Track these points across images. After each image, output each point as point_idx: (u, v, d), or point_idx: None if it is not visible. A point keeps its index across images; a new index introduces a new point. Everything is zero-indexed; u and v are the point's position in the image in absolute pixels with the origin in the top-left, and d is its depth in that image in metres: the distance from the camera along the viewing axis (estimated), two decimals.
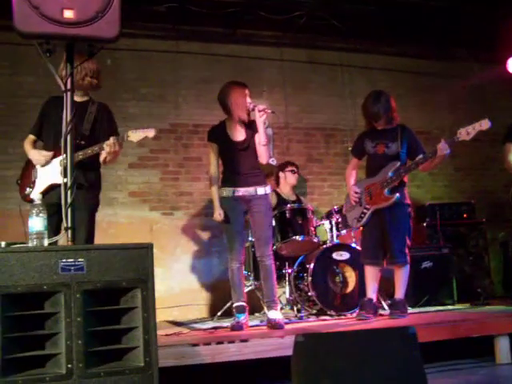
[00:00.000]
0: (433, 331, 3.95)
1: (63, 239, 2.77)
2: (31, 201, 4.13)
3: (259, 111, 4.53)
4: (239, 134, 4.68)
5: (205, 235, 6.65)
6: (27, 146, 4.28)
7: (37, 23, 2.58)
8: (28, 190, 4.21)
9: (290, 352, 2.65)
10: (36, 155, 4.20)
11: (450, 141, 4.65)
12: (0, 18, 5.43)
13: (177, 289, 6.44)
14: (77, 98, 4.25)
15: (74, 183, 3.97)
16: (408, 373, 2.60)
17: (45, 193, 4.07)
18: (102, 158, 4.15)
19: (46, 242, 2.54)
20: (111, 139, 4.02)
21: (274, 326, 4.42)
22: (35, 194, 4.08)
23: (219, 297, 6.31)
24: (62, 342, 2.39)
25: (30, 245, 2.52)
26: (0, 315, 2.28)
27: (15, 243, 2.51)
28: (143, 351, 2.49)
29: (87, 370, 2.40)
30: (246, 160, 4.61)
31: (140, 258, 2.55)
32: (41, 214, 2.56)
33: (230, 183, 4.66)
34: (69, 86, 2.90)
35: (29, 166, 4.28)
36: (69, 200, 2.75)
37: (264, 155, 4.62)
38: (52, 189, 4.08)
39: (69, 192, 2.77)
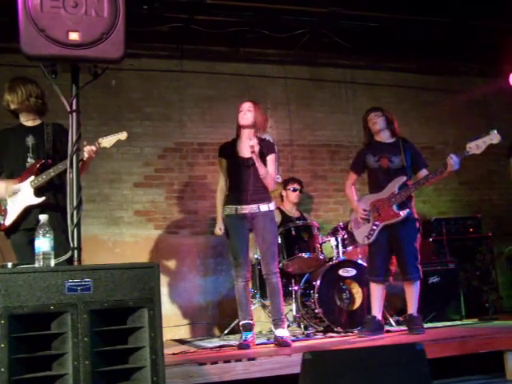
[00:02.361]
0: (441, 347, 3.92)
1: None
2: (5, 229, 4.14)
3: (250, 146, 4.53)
4: (246, 151, 4.67)
5: (211, 254, 6.64)
6: None
7: (43, 45, 2.62)
8: (1, 218, 4.14)
9: (297, 370, 2.63)
10: (1, 189, 4.13)
11: (460, 155, 4.61)
12: (6, 41, 5.53)
13: (183, 307, 6.43)
14: (29, 123, 4.27)
15: (50, 204, 4.02)
16: None
17: (21, 218, 4.07)
18: None
19: (52, 263, 2.55)
20: (87, 147, 4.00)
21: (281, 343, 4.40)
22: (9, 221, 4.09)
23: (226, 315, 6.30)
24: (69, 363, 2.38)
25: (36, 265, 2.52)
26: (7, 336, 2.29)
27: (22, 264, 2.52)
28: (150, 371, 2.48)
29: None
30: (251, 177, 4.60)
31: (146, 278, 2.55)
32: (47, 235, 2.57)
33: (233, 201, 4.66)
34: (74, 107, 2.90)
35: None
36: (75, 220, 2.76)
37: (267, 185, 4.64)
38: (28, 212, 4.06)
39: (75, 212, 2.78)
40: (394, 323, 5.53)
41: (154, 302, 2.55)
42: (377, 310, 4.90)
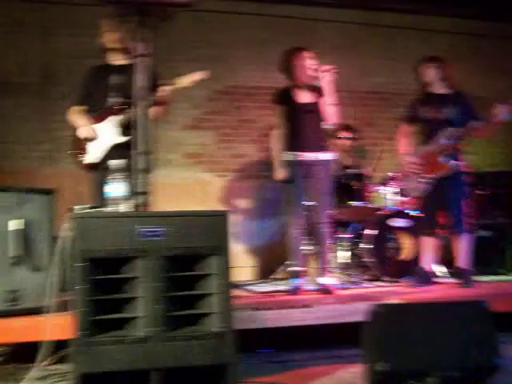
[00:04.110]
0: (503, 301, 3.91)
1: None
2: (88, 167, 4.17)
3: (323, 72, 4.51)
4: (304, 97, 4.64)
5: (258, 198, 6.65)
6: (75, 117, 4.26)
7: None
8: (82, 156, 4.18)
9: (351, 319, 2.66)
10: (85, 131, 4.17)
11: (506, 105, 4.50)
12: None
13: (231, 251, 6.47)
14: (117, 63, 4.25)
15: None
16: (481, 345, 2.59)
17: (101, 157, 4.10)
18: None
19: (123, 208, 2.58)
20: (163, 87, 4.01)
21: (326, 291, 4.42)
22: (90, 160, 4.12)
23: (272, 259, 6.34)
24: (140, 307, 2.45)
25: (108, 210, 2.56)
26: (84, 278, 2.34)
27: (95, 207, 2.56)
28: (219, 317, 2.54)
29: (164, 334, 2.46)
30: (310, 124, 4.56)
31: (216, 225, 2.59)
32: (117, 181, 2.59)
33: (292, 147, 4.60)
34: (142, 51, 2.89)
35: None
36: (143, 165, 2.78)
37: (332, 115, 4.61)
38: (109, 151, 4.09)
39: (142, 157, 2.79)
40: (443, 275, 5.50)
41: (223, 249, 2.59)
42: (427, 262, 4.88)
